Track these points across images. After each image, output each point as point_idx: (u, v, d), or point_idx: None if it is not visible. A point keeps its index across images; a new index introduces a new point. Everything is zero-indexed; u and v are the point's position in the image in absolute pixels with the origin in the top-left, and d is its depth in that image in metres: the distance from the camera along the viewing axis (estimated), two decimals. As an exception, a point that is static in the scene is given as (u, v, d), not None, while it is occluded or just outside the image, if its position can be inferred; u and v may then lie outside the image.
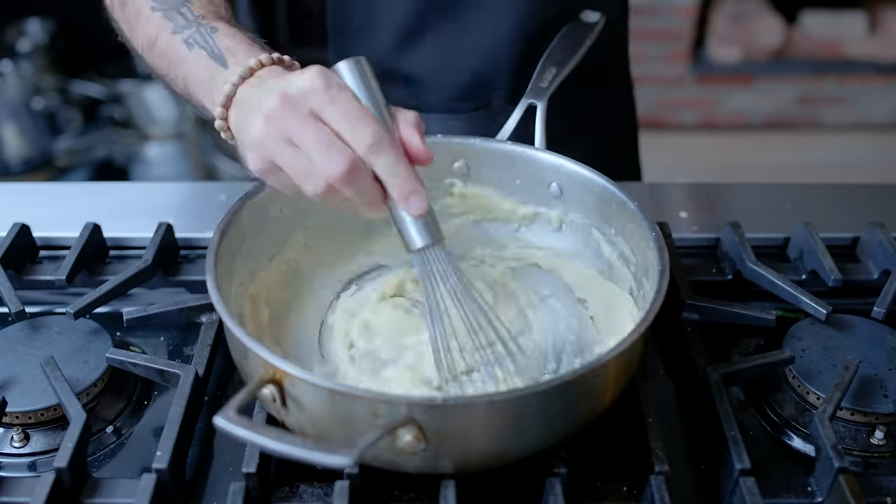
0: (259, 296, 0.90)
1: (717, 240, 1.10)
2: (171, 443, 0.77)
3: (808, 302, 0.94)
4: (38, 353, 0.89)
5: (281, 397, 0.70)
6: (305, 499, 0.76)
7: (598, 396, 0.76)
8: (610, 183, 0.91)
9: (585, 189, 0.94)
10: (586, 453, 0.80)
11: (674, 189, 1.21)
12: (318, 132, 0.69)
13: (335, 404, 0.68)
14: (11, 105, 2.75)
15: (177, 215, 1.11)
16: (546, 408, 0.71)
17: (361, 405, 0.67)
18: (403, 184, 0.71)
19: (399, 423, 0.66)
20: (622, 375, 0.78)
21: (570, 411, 0.73)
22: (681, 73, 3.70)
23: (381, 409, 0.67)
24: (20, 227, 1.05)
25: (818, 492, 0.77)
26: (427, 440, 0.68)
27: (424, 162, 0.74)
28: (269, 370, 0.70)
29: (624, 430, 0.83)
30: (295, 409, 0.71)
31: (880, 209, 1.14)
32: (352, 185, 0.70)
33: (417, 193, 0.72)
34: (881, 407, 0.84)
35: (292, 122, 0.69)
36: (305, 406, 0.70)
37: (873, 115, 3.74)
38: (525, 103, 0.99)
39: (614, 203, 0.91)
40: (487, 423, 0.70)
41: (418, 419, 0.67)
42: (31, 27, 2.89)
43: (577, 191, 0.95)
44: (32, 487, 0.73)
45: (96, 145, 2.94)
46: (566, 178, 0.95)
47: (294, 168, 0.71)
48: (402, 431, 0.67)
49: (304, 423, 0.72)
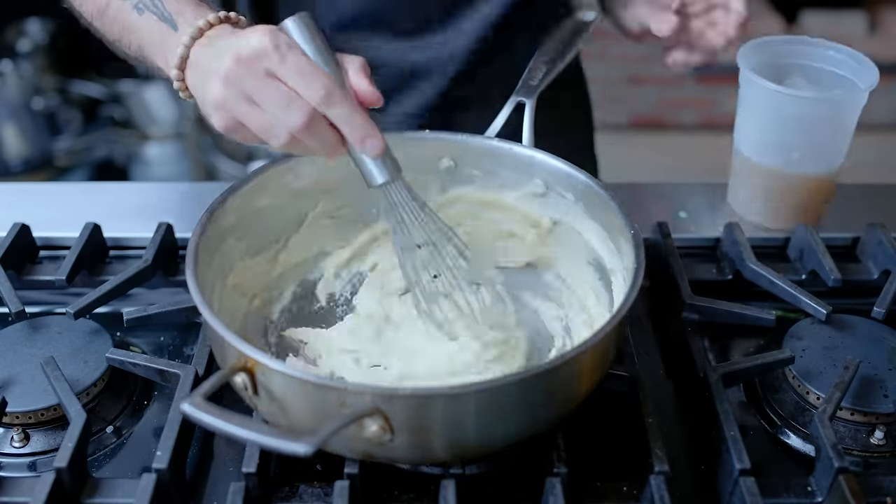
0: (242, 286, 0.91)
1: (717, 240, 1.10)
2: (171, 443, 0.77)
3: (808, 302, 0.94)
4: (38, 353, 0.89)
5: (252, 385, 0.72)
6: (305, 499, 0.76)
7: (569, 389, 0.75)
8: (592, 180, 0.91)
9: (570, 186, 0.93)
10: (586, 453, 0.80)
11: (674, 189, 1.21)
12: (275, 90, 0.74)
13: (303, 393, 0.70)
14: (11, 105, 2.74)
15: (177, 215, 1.11)
16: (510, 401, 0.71)
17: (328, 394, 0.69)
18: (358, 130, 0.77)
19: (363, 412, 0.67)
20: (592, 369, 0.77)
21: (536, 404, 0.73)
22: (681, 73, 3.70)
23: (347, 399, 0.68)
24: (20, 227, 1.05)
25: (818, 492, 0.77)
26: (393, 431, 0.68)
27: (375, 103, 0.79)
28: (242, 359, 0.71)
29: (624, 430, 0.83)
30: (266, 397, 0.72)
31: (880, 209, 1.14)
32: (312, 135, 0.76)
33: (372, 136, 0.77)
34: (881, 407, 0.84)
35: (249, 82, 0.74)
36: (275, 395, 0.71)
37: (873, 115, 3.72)
38: (514, 101, 0.99)
39: (597, 200, 0.90)
40: (451, 414, 0.70)
41: (383, 409, 0.67)
42: (31, 27, 2.89)
43: (561, 187, 0.94)
44: (32, 487, 0.73)
45: (96, 145, 2.93)
46: (551, 175, 0.94)
47: (257, 125, 0.76)
48: (368, 422, 0.68)
49: (275, 412, 0.73)
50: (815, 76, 1.09)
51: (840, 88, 1.07)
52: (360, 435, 0.69)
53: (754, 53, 1.07)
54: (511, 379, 0.69)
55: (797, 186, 1.08)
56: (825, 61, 1.08)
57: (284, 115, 0.74)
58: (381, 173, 0.80)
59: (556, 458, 0.76)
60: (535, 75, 1.01)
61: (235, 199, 0.88)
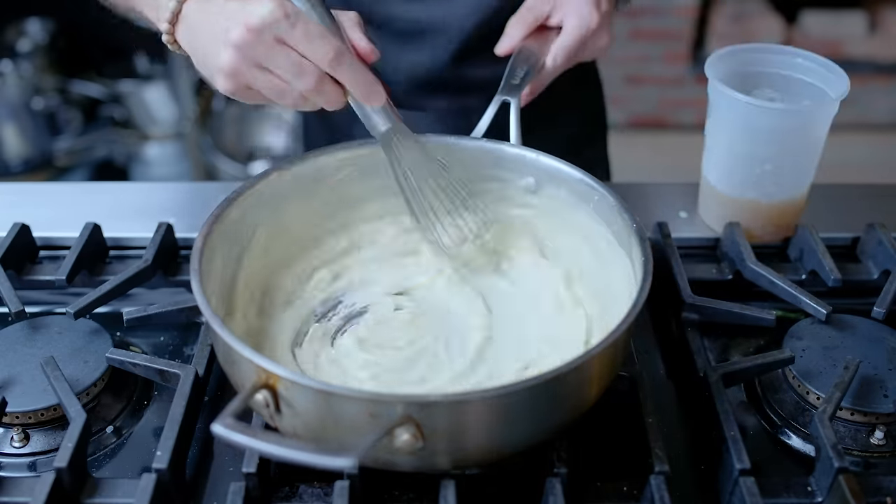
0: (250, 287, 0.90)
1: (717, 240, 1.10)
2: (171, 443, 0.77)
3: (808, 302, 0.94)
4: (38, 353, 0.89)
5: (275, 402, 0.69)
6: (305, 499, 0.76)
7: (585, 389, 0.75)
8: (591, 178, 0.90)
9: (565, 185, 0.93)
10: (586, 453, 0.80)
11: (674, 189, 1.21)
12: (286, 57, 0.79)
13: (331, 406, 0.68)
14: (11, 105, 2.74)
15: (177, 215, 1.11)
16: (538, 402, 0.70)
17: (357, 406, 0.67)
18: (363, 87, 0.83)
19: (397, 422, 0.66)
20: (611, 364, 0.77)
21: (561, 404, 0.73)
22: (681, 73, 3.69)
23: (376, 410, 0.66)
24: (20, 227, 1.05)
25: (818, 492, 0.77)
26: (425, 438, 0.67)
27: (371, 59, 0.85)
28: (262, 375, 0.69)
29: (624, 430, 0.83)
30: (289, 413, 0.70)
31: (880, 209, 1.14)
32: (320, 93, 0.81)
33: (375, 91, 0.83)
34: (881, 407, 0.84)
35: (260, 50, 0.79)
36: (299, 409, 0.69)
37: (873, 115, 3.74)
38: (499, 100, 0.98)
39: (596, 196, 0.90)
40: (483, 418, 0.70)
41: (416, 417, 0.66)
42: (31, 27, 2.89)
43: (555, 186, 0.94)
44: (32, 487, 0.73)
45: (96, 145, 2.93)
46: (545, 174, 0.94)
47: (268, 89, 0.82)
48: (399, 430, 0.66)
49: (299, 427, 0.71)
50: (784, 85, 1.07)
51: (810, 97, 1.06)
52: (391, 445, 0.67)
53: (722, 63, 1.05)
54: (543, 378, 0.68)
55: (767, 212, 1.07)
56: (794, 69, 1.07)
57: (295, 79, 0.80)
58: (383, 121, 0.87)
59: (556, 458, 0.76)
60: (516, 74, 1.01)
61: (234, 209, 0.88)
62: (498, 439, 0.72)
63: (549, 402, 0.71)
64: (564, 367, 0.69)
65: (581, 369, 0.70)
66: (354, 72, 0.81)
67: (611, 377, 0.77)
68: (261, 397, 0.69)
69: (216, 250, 0.83)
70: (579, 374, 0.71)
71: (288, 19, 0.78)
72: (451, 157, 0.94)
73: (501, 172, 0.96)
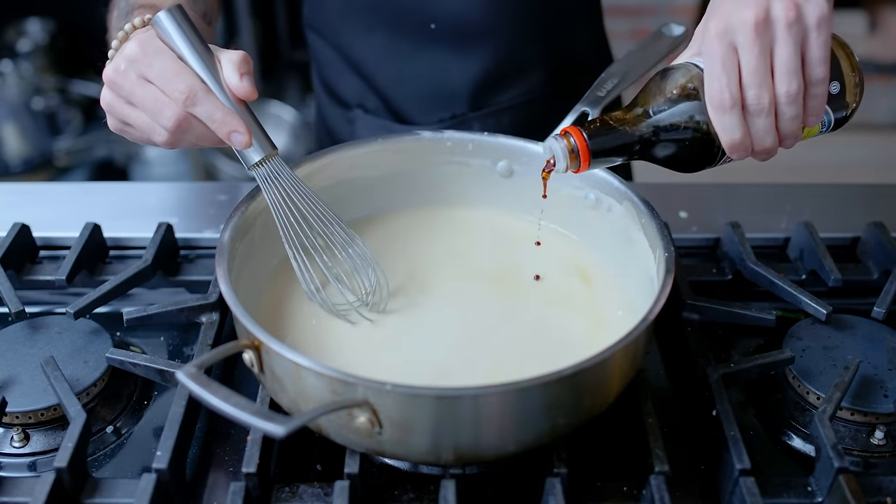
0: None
1: (717, 240, 1.10)
2: (171, 443, 0.77)
3: (808, 302, 0.94)
4: (38, 353, 0.89)
5: (259, 363, 0.75)
6: (305, 499, 0.76)
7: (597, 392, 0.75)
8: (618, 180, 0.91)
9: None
10: (586, 453, 0.80)
11: (674, 189, 1.21)
12: (147, 93, 0.80)
13: (298, 377, 0.71)
14: (11, 105, 2.75)
15: (177, 215, 1.11)
16: (502, 407, 0.70)
17: (321, 381, 0.69)
18: (221, 127, 0.81)
19: (351, 403, 0.68)
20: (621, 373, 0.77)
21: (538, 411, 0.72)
22: (681, 73, 3.70)
23: (337, 388, 0.69)
24: (20, 227, 1.05)
25: (818, 492, 0.77)
26: (381, 425, 0.69)
27: (249, 98, 0.82)
28: (249, 336, 0.73)
29: (624, 430, 0.83)
30: (270, 375, 0.75)
31: (880, 209, 1.14)
32: (187, 132, 0.81)
33: (236, 132, 0.81)
34: (881, 407, 0.84)
35: (126, 86, 0.81)
36: (277, 374, 0.73)
37: (873, 115, 3.73)
38: (579, 109, 0.97)
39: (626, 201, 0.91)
40: (437, 414, 0.69)
41: (371, 402, 0.68)
42: (31, 27, 2.89)
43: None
44: (32, 487, 0.74)
45: (96, 145, 2.93)
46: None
47: (138, 124, 0.82)
48: (357, 412, 0.69)
49: (277, 391, 0.76)
50: None
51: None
52: (351, 425, 0.70)
53: None
54: (515, 385, 0.68)
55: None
56: None
57: (156, 115, 0.80)
58: (255, 152, 0.83)
59: (556, 458, 0.76)
60: (604, 86, 0.99)
61: None
62: (458, 437, 0.71)
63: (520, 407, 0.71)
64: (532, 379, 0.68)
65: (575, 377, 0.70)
66: (211, 111, 0.80)
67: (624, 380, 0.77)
68: (247, 356, 0.75)
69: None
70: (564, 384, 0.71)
71: (146, 57, 0.80)
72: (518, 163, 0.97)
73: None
